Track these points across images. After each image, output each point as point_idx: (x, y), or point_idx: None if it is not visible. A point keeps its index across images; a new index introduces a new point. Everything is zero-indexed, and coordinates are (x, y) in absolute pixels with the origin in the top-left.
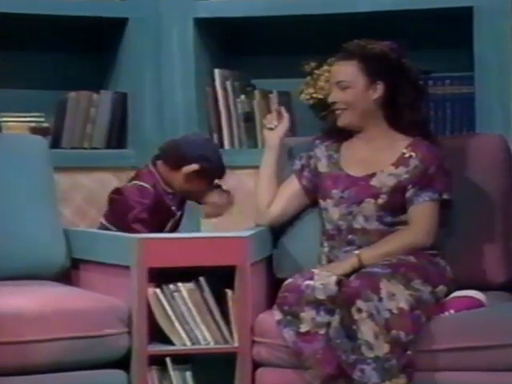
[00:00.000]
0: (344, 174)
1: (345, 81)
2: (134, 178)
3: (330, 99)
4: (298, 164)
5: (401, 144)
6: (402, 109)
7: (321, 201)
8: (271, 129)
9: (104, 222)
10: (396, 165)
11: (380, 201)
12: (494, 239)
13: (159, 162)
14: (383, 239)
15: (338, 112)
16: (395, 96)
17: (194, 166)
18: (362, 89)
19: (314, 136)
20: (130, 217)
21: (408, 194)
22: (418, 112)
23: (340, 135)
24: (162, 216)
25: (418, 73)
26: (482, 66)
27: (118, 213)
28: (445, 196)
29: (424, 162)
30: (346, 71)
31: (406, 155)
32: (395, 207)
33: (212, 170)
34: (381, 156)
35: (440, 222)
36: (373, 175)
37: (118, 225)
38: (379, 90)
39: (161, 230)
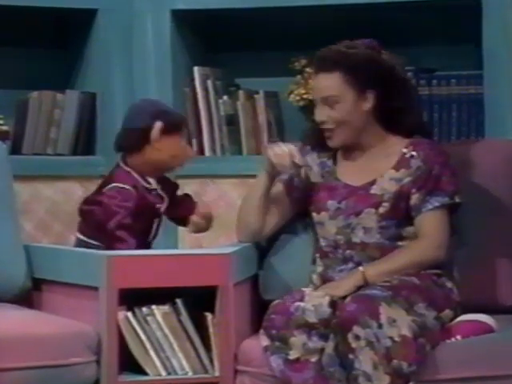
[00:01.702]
0: (342, 184)
1: (331, 96)
2: (108, 182)
3: (318, 118)
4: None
5: (400, 145)
6: (399, 112)
7: (314, 214)
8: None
9: (81, 237)
10: (397, 167)
11: (381, 210)
12: (505, 256)
13: (127, 157)
14: (390, 255)
15: (328, 134)
16: (389, 101)
17: (159, 125)
18: (352, 102)
19: (303, 141)
20: (112, 224)
21: (413, 201)
22: (416, 112)
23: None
24: (147, 218)
25: (403, 67)
26: (492, 64)
27: (97, 223)
28: (457, 199)
29: (427, 162)
30: (331, 84)
31: (407, 155)
32: (399, 216)
33: (176, 119)
34: (380, 161)
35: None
36: (372, 183)
37: (100, 237)
38: (370, 99)
39: (147, 234)
